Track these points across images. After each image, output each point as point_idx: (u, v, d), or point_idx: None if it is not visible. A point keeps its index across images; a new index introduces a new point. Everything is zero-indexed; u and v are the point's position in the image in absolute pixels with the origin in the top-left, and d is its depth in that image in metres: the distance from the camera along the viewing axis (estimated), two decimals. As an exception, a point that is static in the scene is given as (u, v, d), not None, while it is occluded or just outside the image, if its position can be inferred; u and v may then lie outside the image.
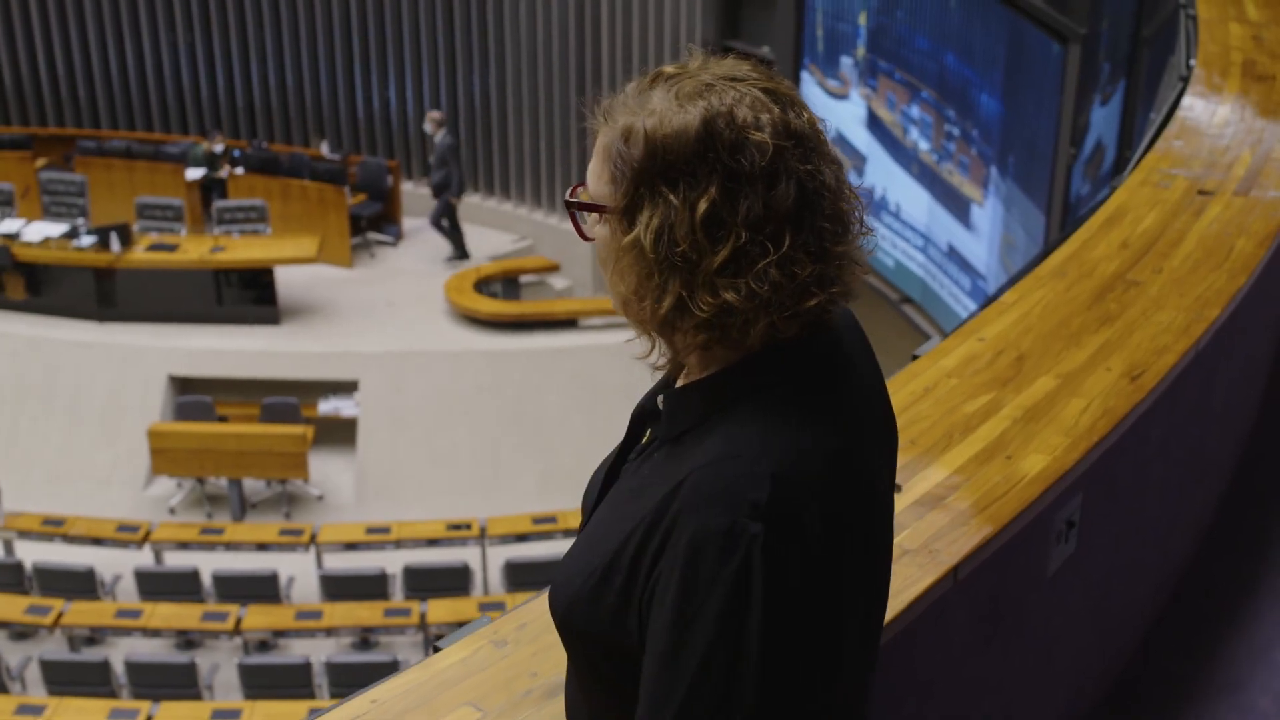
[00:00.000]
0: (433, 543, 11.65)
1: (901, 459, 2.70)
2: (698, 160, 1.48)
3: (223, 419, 13.42)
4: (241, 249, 14.38)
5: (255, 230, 14.85)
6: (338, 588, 11.10)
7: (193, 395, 13.59)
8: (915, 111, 11.18)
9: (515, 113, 16.23)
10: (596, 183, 1.56)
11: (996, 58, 10.03)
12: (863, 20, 11.63)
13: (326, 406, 13.62)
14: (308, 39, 17.01)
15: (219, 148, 15.98)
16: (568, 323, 14.35)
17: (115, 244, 13.96)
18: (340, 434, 13.62)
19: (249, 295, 14.45)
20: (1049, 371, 3.04)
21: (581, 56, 15.18)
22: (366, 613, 10.77)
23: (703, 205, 1.48)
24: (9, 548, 11.91)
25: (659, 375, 1.73)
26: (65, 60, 17.36)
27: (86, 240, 14.08)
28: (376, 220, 16.13)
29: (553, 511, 11.89)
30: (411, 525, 11.80)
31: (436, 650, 2.26)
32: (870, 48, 11.62)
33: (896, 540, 2.44)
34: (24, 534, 11.87)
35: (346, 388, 13.73)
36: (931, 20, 10.84)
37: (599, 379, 13.69)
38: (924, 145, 11.17)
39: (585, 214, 1.59)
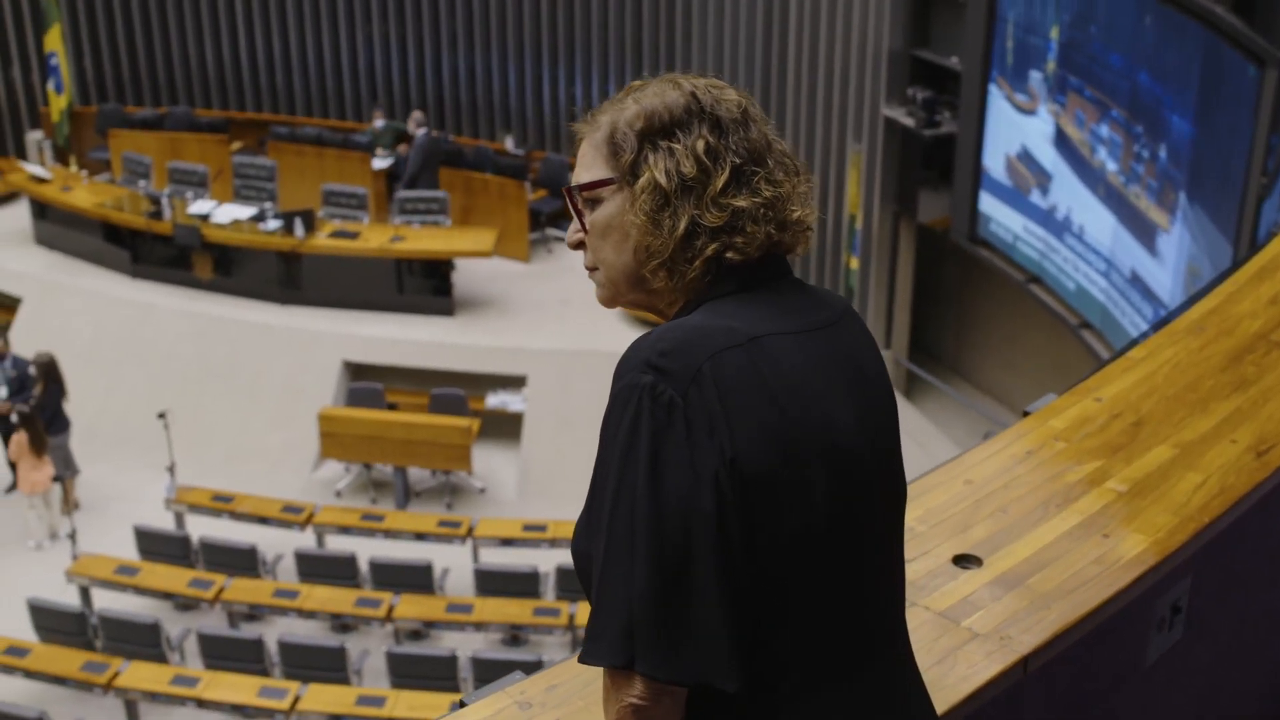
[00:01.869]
0: (587, 544, 11.60)
1: (986, 530, 2.53)
2: (688, 117, 1.78)
3: (392, 407, 13.60)
4: (420, 239, 14.55)
5: (435, 221, 15.03)
6: (491, 583, 11.14)
7: (365, 382, 13.81)
8: (1104, 131, 10.76)
9: (699, 115, 16.10)
10: (590, 172, 1.82)
11: (1190, 78, 9.58)
12: (1054, 34, 11.24)
13: (494, 400, 13.71)
14: (498, 35, 17.16)
15: (380, 123, 16.16)
16: (741, 329, 14.18)
17: (299, 229, 14.25)
18: (506, 429, 13.70)
19: (428, 286, 14.63)
20: (1166, 440, 2.81)
21: (768, 63, 14.99)
22: (517, 610, 10.78)
23: (700, 143, 1.76)
24: (180, 521, 12.24)
25: None
26: (265, 47, 17.82)
27: (272, 224, 14.40)
28: (556, 217, 16.19)
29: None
30: (568, 525, 11.71)
31: (462, 705, 2.17)
32: (1061, 63, 11.22)
33: (966, 622, 2.28)
34: (194, 508, 12.20)
35: (515, 383, 13.80)
36: (1125, 37, 10.41)
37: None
38: (1111, 166, 10.75)
39: (588, 202, 1.83)
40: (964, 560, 2.43)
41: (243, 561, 11.38)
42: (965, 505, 2.59)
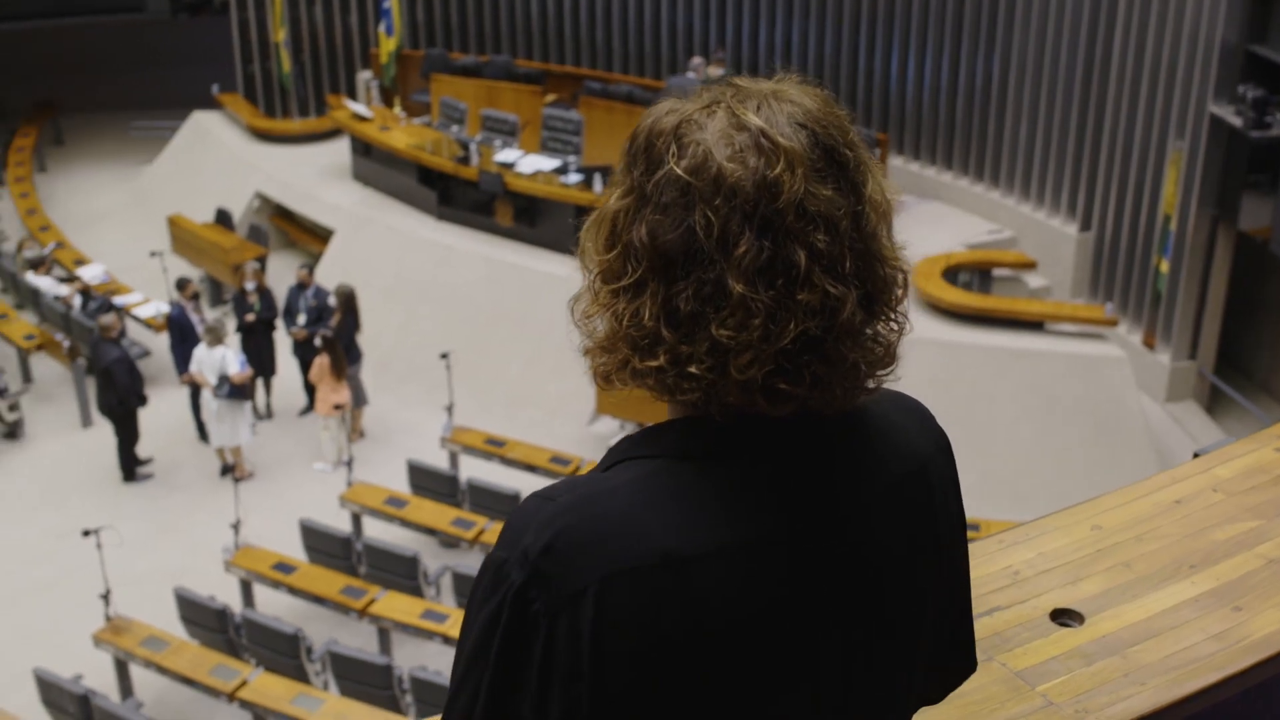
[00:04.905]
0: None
1: (1100, 585, 2.28)
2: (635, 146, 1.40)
3: (671, 369, 13.58)
4: (716, 205, 14.46)
5: (735, 188, 14.91)
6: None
7: (646, 341, 13.83)
8: None
9: (1015, 100, 15.53)
10: None
11: None
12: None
13: (771, 372, 13.51)
14: (818, 4, 16.92)
15: (719, 73, 16.05)
16: (1034, 325, 13.64)
17: (598, 185, 14.37)
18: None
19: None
20: (1347, 506, 2.48)
21: (1091, 51, 14.30)
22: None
23: (616, 192, 1.41)
24: (453, 460, 12.55)
25: None
26: (588, 2, 18.09)
27: (574, 178, 14.58)
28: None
29: (976, 519, 11.37)
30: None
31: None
32: None
33: (1042, 687, 2.05)
34: (468, 449, 12.48)
35: (792, 358, 13.58)
36: None
37: (1057, 390, 12.96)
38: None
39: None
40: (1063, 616, 2.20)
41: (506, 506, 11.56)
42: (1085, 554, 2.34)
